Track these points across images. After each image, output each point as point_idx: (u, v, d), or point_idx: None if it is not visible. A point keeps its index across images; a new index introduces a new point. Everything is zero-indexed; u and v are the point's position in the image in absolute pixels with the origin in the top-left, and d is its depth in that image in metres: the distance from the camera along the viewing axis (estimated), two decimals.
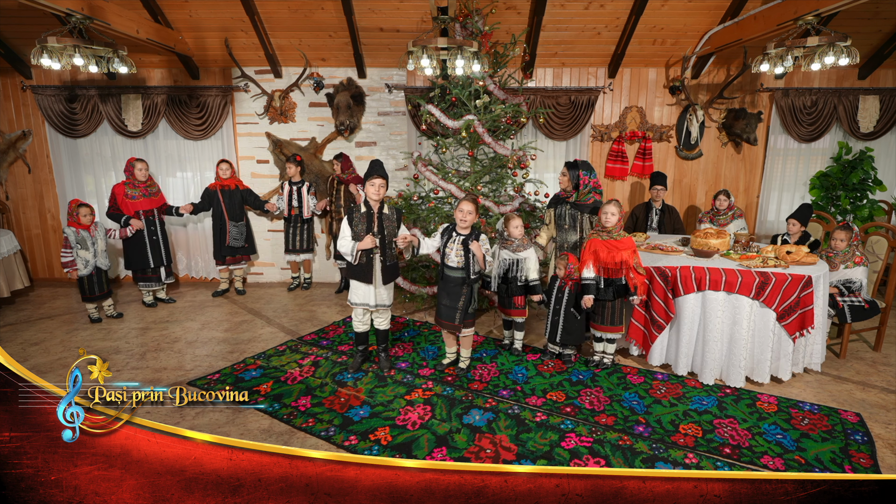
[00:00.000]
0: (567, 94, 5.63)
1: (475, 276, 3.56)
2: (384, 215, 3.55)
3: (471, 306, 3.59)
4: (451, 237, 3.54)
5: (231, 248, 5.49)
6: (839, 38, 3.67)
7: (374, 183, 3.45)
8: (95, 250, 4.71)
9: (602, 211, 3.62)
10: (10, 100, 5.78)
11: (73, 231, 4.60)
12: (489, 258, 3.60)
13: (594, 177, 3.95)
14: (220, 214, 5.40)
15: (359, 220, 3.49)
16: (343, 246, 3.50)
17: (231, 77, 5.70)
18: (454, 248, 3.51)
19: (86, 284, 4.72)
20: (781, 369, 3.55)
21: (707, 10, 4.91)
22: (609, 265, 3.55)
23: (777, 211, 5.99)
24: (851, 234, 3.95)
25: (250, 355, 4.08)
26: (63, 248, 4.64)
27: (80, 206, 4.62)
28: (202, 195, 5.44)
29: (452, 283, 3.55)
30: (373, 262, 3.54)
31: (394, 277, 3.69)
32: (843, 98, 5.61)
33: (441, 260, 3.61)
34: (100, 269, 4.77)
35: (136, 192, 5.04)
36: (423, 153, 5.02)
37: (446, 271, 3.57)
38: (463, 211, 3.46)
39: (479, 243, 3.49)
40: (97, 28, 4.09)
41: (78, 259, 4.63)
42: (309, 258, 5.86)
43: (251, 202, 5.55)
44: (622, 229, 3.64)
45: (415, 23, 5.09)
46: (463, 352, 3.79)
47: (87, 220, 4.67)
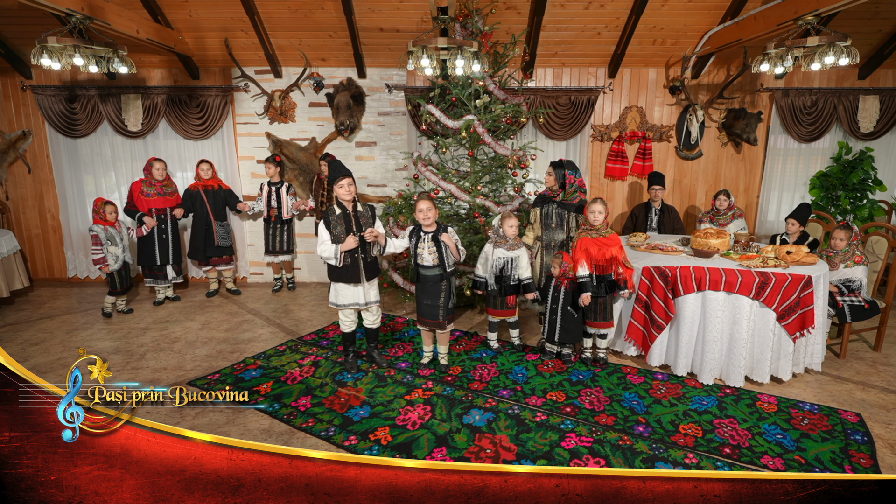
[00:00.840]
0: (567, 94, 5.63)
1: (451, 269, 3.59)
2: (359, 213, 3.55)
3: (451, 301, 3.65)
4: (420, 237, 3.57)
5: (219, 248, 5.50)
6: (839, 38, 3.67)
7: (343, 184, 3.46)
8: (123, 245, 4.86)
9: (589, 210, 3.69)
10: (10, 100, 5.78)
11: (101, 228, 4.73)
12: (461, 247, 3.63)
13: (579, 176, 4.03)
14: (205, 215, 5.38)
15: (336, 223, 3.49)
16: (325, 251, 3.49)
17: (231, 77, 5.70)
18: (426, 246, 3.54)
19: (116, 279, 4.86)
20: (781, 369, 3.55)
21: (707, 10, 4.91)
22: (600, 262, 3.63)
23: (777, 211, 5.98)
24: (851, 233, 3.95)
25: (250, 355, 4.08)
26: (93, 245, 4.77)
27: (105, 204, 4.78)
28: (183, 196, 5.38)
29: (430, 282, 3.59)
30: (357, 261, 3.54)
31: (377, 273, 3.72)
32: (843, 98, 5.61)
33: (414, 262, 3.64)
34: (127, 264, 4.93)
35: (152, 191, 5.13)
36: (423, 153, 5.02)
37: (422, 271, 3.60)
38: (422, 210, 3.50)
39: (449, 234, 3.53)
40: (97, 28, 4.09)
41: (108, 255, 4.76)
42: (288, 259, 5.83)
43: (231, 202, 5.56)
44: (609, 226, 3.72)
45: (415, 23, 5.09)
46: (441, 348, 3.83)
47: (113, 217, 4.83)
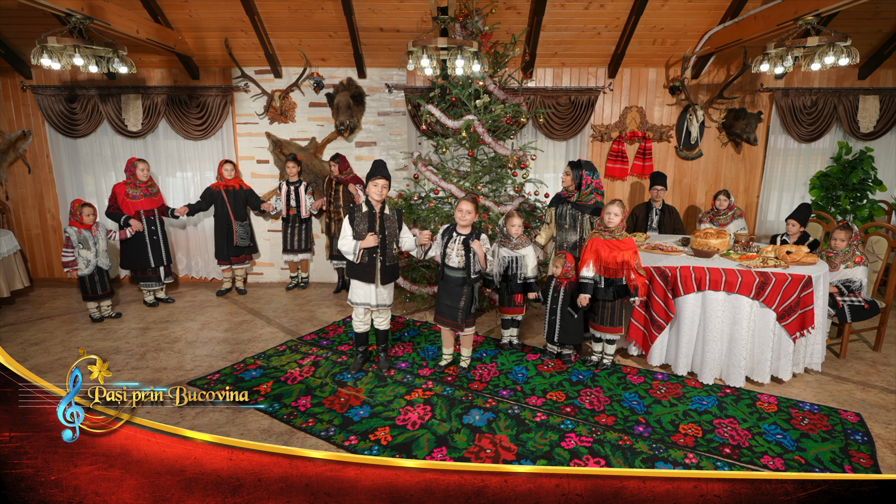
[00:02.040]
0: (567, 94, 5.63)
1: (476, 276, 3.56)
2: (385, 215, 3.55)
3: (472, 306, 3.60)
4: (452, 237, 3.54)
5: (238, 247, 5.53)
6: (839, 38, 3.67)
7: (378, 183, 3.46)
8: (97, 250, 4.74)
9: (605, 211, 3.60)
10: (10, 100, 5.78)
11: (75, 231, 4.62)
12: (490, 257, 3.60)
13: (597, 177, 3.92)
14: (225, 215, 5.41)
15: (360, 220, 3.50)
16: (345, 245, 3.51)
17: (231, 77, 5.70)
18: (455, 248, 3.52)
19: (87, 284, 4.75)
20: (781, 369, 3.55)
21: (707, 10, 4.91)
22: (610, 265, 3.54)
23: (777, 211, 5.98)
24: (851, 233, 3.95)
25: (250, 355, 4.08)
26: (64, 247, 4.66)
27: (83, 206, 4.65)
28: (203, 195, 5.43)
29: (453, 284, 3.55)
30: (374, 261, 3.54)
31: (394, 278, 3.70)
32: (843, 98, 5.61)
33: (441, 260, 3.61)
34: (101, 269, 4.79)
35: (138, 192, 5.06)
36: (423, 153, 5.02)
37: (447, 271, 3.57)
38: (462, 210, 3.47)
39: (480, 242, 3.50)
40: (97, 28, 4.09)
41: (79, 259, 4.65)
42: (307, 258, 5.86)
43: (252, 202, 5.58)
44: (624, 230, 3.64)
45: (415, 23, 5.09)
46: (464, 351, 3.79)
47: (90, 219, 4.71)
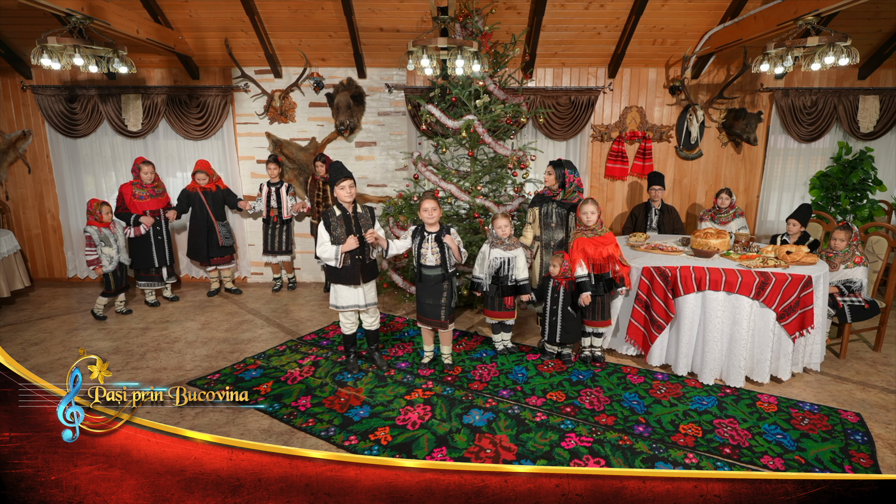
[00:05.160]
0: (567, 94, 5.63)
1: (453, 269, 3.62)
2: (359, 214, 3.56)
3: (452, 300, 3.67)
4: (424, 237, 3.58)
5: (222, 247, 5.50)
6: (839, 38, 3.67)
7: (344, 185, 3.46)
8: (118, 246, 4.83)
9: (581, 211, 3.71)
10: (10, 100, 5.78)
11: (95, 230, 4.70)
12: (463, 249, 3.64)
13: (578, 175, 4.04)
14: (205, 216, 5.38)
15: (336, 224, 3.48)
16: (325, 252, 3.48)
17: (231, 77, 5.70)
18: (429, 246, 3.55)
19: (111, 280, 4.84)
20: (781, 369, 3.55)
21: (707, 10, 4.91)
22: (597, 260, 3.65)
23: (777, 211, 5.98)
24: (851, 234, 3.95)
25: (250, 355, 4.08)
26: (86, 246, 4.73)
27: (101, 205, 4.74)
28: (179, 197, 5.38)
29: (432, 282, 3.60)
30: (357, 262, 3.54)
31: (375, 275, 3.72)
32: (843, 98, 5.61)
33: (416, 261, 3.64)
34: (122, 265, 4.91)
35: (144, 193, 5.11)
36: (423, 153, 5.02)
37: (424, 271, 3.61)
38: (427, 209, 3.51)
39: (451, 236, 3.55)
40: (97, 28, 4.09)
41: (103, 256, 4.74)
42: (287, 259, 5.81)
43: (230, 201, 5.56)
44: (602, 225, 3.74)
45: (415, 23, 5.09)
46: (444, 348, 3.84)
47: (108, 217, 4.79)
